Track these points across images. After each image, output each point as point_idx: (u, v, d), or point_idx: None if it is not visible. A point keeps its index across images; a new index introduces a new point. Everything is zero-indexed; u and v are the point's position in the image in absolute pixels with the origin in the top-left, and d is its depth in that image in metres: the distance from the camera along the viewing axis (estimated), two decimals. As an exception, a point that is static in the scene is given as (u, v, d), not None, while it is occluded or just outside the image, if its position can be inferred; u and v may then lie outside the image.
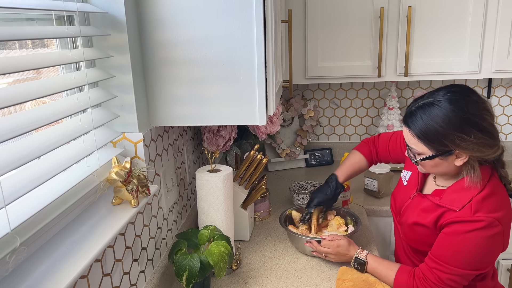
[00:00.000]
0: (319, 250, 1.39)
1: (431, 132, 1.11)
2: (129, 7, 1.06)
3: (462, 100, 1.10)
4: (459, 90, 1.13)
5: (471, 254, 1.12)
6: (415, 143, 1.16)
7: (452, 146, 1.10)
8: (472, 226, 1.10)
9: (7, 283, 0.70)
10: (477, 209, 1.11)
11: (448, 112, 1.09)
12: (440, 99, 1.11)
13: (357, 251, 1.34)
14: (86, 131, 0.94)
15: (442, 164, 1.16)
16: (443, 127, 1.09)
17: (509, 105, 2.33)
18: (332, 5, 1.92)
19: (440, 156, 1.14)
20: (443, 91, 1.13)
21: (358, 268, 1.33)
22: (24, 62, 0.74)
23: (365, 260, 1.32)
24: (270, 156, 2.35)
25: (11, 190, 0.69)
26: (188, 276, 1.12)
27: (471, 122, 1.08)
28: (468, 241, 1.12)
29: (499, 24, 1.86)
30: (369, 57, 1.97)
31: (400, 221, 1.35)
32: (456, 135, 1.08)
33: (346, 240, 1.36)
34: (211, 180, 1.29)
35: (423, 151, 1.16)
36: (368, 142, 1.59)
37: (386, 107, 2.25)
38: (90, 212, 0.97)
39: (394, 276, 1.25)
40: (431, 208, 1.22)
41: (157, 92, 1.17)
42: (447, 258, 1.14)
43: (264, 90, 1.15)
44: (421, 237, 1.25)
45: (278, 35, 1.36)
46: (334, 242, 1.36)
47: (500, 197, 1.15)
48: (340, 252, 1.35)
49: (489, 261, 1.17)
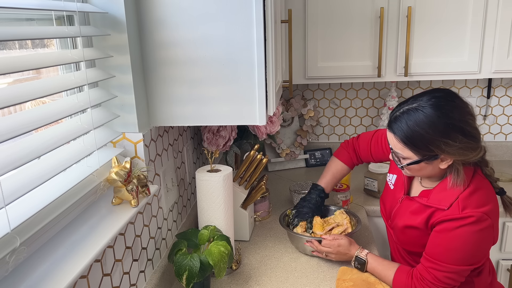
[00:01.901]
0: (320, 250, 1.39)
1: (416, 137, 1.11)
2: (129, 7, 1.06)
3: (447, 106, 1.10)
4: (443, 95, 1.13)
5: (464, 250, 1.13)
6: (400, 148, 1.16)
7: (438, 151, 1.11)
8: (462, 222, 1.12)
9: (7, 283, 0.70)
10: (464, 206, 1.13)
11: (433, 118, 1.09)
12: (425, 104, 1.11)
13: (358, 250, 1.35)
14: (86, 131, 0.94)
15: (427, 168, 1.17)
16: (429, 133, 1.10)
17: (509, 105, 2.33)
18: (332, 5, 1.92)
19: (426, 161, 1.15)
20: (427, 96, 1.13)
21: (358, 267, 1.34)
22: (24, 62, 0.74)
23: (365, 259, 1.32)
24: (270, 156, 2.35)
25: (11, 190, 0.69)
26: (188, 276, 1.12)
27: (456, 127, 1.09)
28: (459, 238, 1.13)
29: (499, 24, 1.86)
30: (369, 57, 1.97)
31: (392, 226, 1.37)
32: (442, 140, 1.09)
33: (347, 240, 1.37)
34: (211, 180, 1.29)
35: (408, 156, 1.16)
36: (347, 147, 1.59)
37: (386, 107, 2.25)
38: (90, 212, 0.97)
39: (393, 275, 1.26)
40: (420, 209, 1.23)
41: (157, 92, 1.17)
42: (441, 256, 1.16)
43: (264, 90, 1.15)
44: (414, 239, 1.27)
45: (278, 35, 1.36)
46: (335, 242, 1.36)
47: (485, 191, 1.17)
48: (341, 252, 1.36)
49: (482, 255, 1.18)
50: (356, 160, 1.58)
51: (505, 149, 2.37)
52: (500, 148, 2.36)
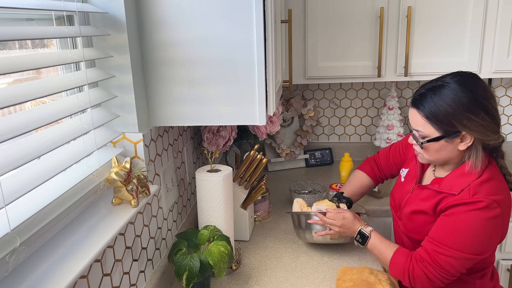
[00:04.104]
0: (324, 221, 1.37)
1: (440, 112, 1.13)
2: (129, 7, 1.06)
3: (471, 82, 1.14)
4: (467, 75, 1.17)
5: (469, 236, 1.12)
6: (422, 124, 1.17)
7: (460, 126, 1.12)
8: (471, 207, 1.12)
9: (7, 283, 0.70)
10: (475, 192, 1.13)
11: (458, 92, 1.12)
12: (449, 81, 1.14)
13: (362, 225, 1.34)
14: (86, 131, 0.94)
15: (447, 148, 1.17)
16: (453, 107, 1.11)
17: (509, 105, 2.33)
18: (332, 5, 1.92)
19: (447, 138, 1.15)
20: (451, 75, 1.17)
21: (359, 241, 1.32)
22: (24, 62, 0.74)
23: (368, 234, 1.31)
24: (270, 156, 2.35)
25: (11, 190, 0.69)
26: (188, 276, 1.12)
27: (479, 103, 1.11)
28: (466, 222, 1.12)
29: (499, 24, 1.86)
30: (369, 57, 1.97)
31: (400, 216, 1.36)
32: (464, 115, 1.11)
33: (351, 214, 1.36)
34: (211, 180, 1.29)
35: (429, 133, 1.17)
36: (370, 161, 1.63)
37: (386, 107, 2.25)
38: (90, 212, 0.97)
39: (392, 255, 1.24)
40: (431, 195, 1.23)
41: (157, 92, 1.18)
42: (445, 239, 1.14)
43: (264, 90, 1.15)
44: (421, 226, 1.25)
45: (278, 35, 1.36)
46: (340, 214, 1.36)
47: (497, 182, 1.17)
48: (345, 225, 1.34)
49: (488, 247, 1.15)
50: (378, 171, 1.59)
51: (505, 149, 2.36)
52: (500, 148, 2.36)
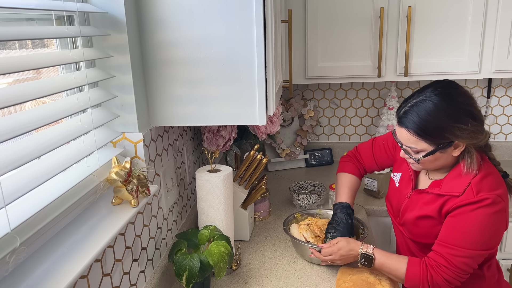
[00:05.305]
0: (323, 259, 1.34)
1: (430, 127, 1.13)
2: (129, 7, 1.06)
3: (453, 93, 1.14)
4: (445, 84, 1.17)
5: (480, 233, 1.13)
6: (414, 141, 1.16)
7: (452, 137, 1.13)
8: (478, 205, 1.13)
9: (7, 283, 0.70)
10: (478, 190, 1.14)
11: (443, 105, 1.12)
12: (431, 95, 1.14)
13: (362, 246, 1.28)
14: (86, 131, 0.94)
15: (442, 157, 1.18)
16: (442, 120, 1.12)
17: (509, 105, 2.33)
18: (332, 5, 1.92)
19: (441, 150, 1.15)
20: (431, 88, 1.16)
21: (365, 264, 1.27)
22: (24, 62, 0.74)
23: (372, 254, 1.26)
24: (270, 156, 2.35)
25: (11, 190, 0.69)
26: (188, 276, 1.12)
27: (466, 111, 1.13)
28: (475, 220, 1.13)
29: (499, 24, 1.86)
30: (369, 57, 1.97)
31: (401, 222, 1.34)
32: (455, 126, 1.12)
33: (344, 241, 1.31)
34: (211, 180, 1.29)
35: (423, 148, 1.16)
36: (350, 159, 1.55)
37: (386, 107, 2.25)
38: (90, 212, 0.97)
39: (405, 268, 1.21)
40: (433, 199, 1.23)
41: (157, 92, 1.17)
42: (457, 241, 1.15)
43: (264, 90, 1.15)
44: (427, 230, 1.25)
45: (278, 35, 1.36)
46: (334, 247, 1.30)
47: (495, 176, 1.19)
48: (344, 255, 1.29)
49: (497, 240, 1.19)
50: (363, 170, 1.55)
51: (505, 149, 2.37)
52: (500, 148, 2.36)
